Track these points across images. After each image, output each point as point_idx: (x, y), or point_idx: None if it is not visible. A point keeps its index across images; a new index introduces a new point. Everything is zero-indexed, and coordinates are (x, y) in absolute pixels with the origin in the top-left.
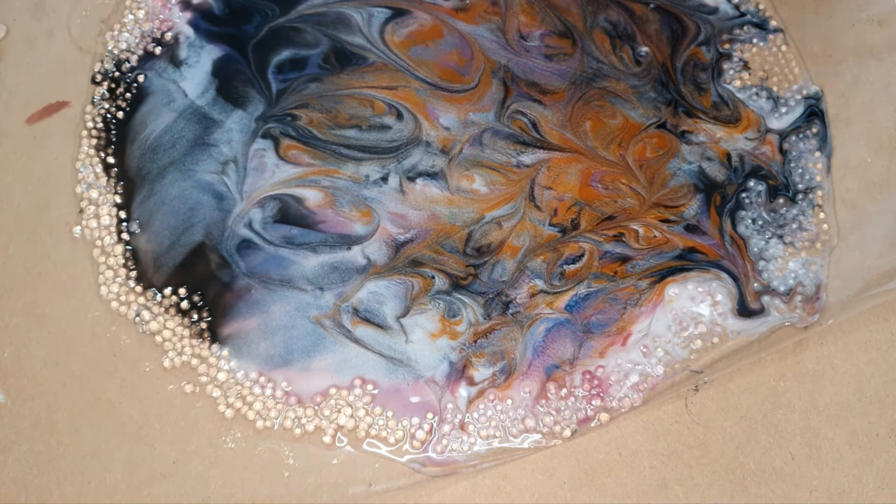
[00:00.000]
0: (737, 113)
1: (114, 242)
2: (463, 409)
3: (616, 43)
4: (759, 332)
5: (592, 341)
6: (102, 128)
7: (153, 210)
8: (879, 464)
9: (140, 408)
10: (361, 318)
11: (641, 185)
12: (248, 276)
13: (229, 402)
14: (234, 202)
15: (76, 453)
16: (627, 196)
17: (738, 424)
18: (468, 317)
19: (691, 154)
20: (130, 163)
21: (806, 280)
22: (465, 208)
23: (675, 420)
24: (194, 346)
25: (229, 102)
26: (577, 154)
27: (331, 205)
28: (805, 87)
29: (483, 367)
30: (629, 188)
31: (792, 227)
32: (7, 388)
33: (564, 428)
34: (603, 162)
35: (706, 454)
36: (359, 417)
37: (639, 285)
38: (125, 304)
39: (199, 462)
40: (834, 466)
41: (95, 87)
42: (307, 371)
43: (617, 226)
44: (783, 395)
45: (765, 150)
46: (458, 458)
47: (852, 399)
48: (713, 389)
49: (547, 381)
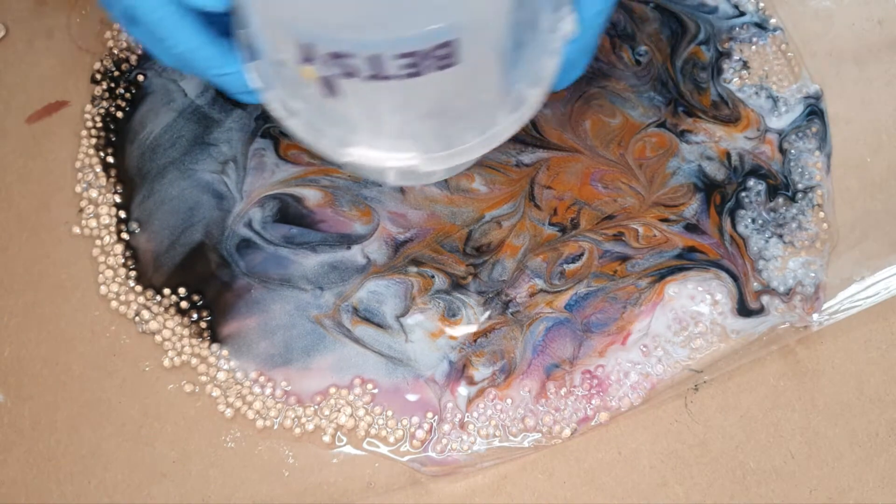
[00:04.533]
0: (736, 112)
1: (113, 242)
2: (463, 408)
3: (616, 42)
4: (759, 331)
5: (592, 340)
6: (102, 127)
7: (153, 209)
8: (879, 463)
9: (140, 407)
10: (361, 318)
11: (641, 184)
12: (248, 276)
13: (229, 402)
14: (234, 201)
15: (76, 453)
16: (627, 195)
17: (738, 423)
18: (468, 316)
19: (691, 153)
20: (130, 162)
21: (805, 279)
22: (465, 208)
23: (675, 419)
24: (194, 346)
25: (229, 102)
26: (577, 153)
27: (330, 204)
28: (805, 87)
29: (483, 366)
30: (629, 187)
31: (791, 227)
32: (6, 388)
33: (564, 427)
34: (603, 161)
35: (706, 453)
36: (358, 417)
37: (638, 284)
38: (125, 303)
39: (198, 461)
40: (834, 465)
41: (95, 86)
42: (307, 370)
43: (617, 225)
44: (783, 395)
45: (764, 150)
46: (457, 458)
47: (852, 398)
48: (713, 389)
49: (547, 381)
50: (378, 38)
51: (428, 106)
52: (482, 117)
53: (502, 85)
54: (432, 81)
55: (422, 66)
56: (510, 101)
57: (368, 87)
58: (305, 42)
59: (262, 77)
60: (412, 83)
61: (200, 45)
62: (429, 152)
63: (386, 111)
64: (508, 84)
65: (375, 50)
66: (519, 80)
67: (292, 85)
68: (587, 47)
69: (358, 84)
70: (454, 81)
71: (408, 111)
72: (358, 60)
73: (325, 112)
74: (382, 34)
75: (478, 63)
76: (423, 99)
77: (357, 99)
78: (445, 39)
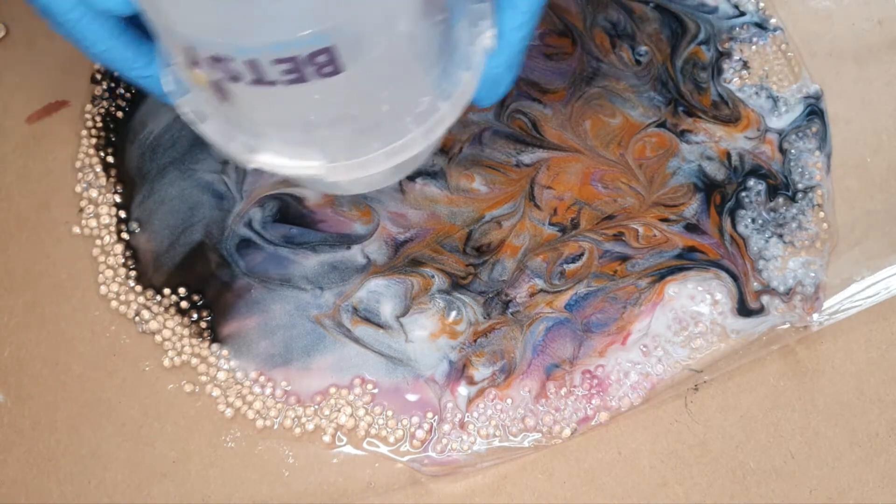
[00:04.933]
0: (736, 112)
1: (113, 241)
2: (463, 408)
3: (616, 42)
4: (759, 331)
5: (592, 340)
6: (102, 127)
7: (153, 209)
8: (879, 463)
9: (140, 407)
10: (361, 318)
11: (641, 184)
12: (248, 276)
13: (229, 402)
14: (234, 201)
15: (76, 453)
16: (627, 195)
17: (738, 423)
18: (468, 316)
19: (691, 153)
20: (130, 162)
21: (805, 279)
22: (465, 207)
23: (675, 419)
24: (194, 346)
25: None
26: (577, 153)
27: (330, 204)
28: (805, 86)
29: (483, 366)
30: (629, 187)
31: (791, 227)
32: (6, 388)
33: (564, 427)
34: (603, 161)
35: (706, 453)
36: (358, 417)
37: (638, 284)
38: (125, 303)
39: (198, 461)
40: (834, 465)
41: (95, 86)
42: (307, 370)
43: (617, 225)
44: (783, 395)
45: (764, 150)
46: (457, 458)
47: (852, 398)
48: (713, 388)
49: (547, 381)
50: (251, 43)
51: (319, 114)
52: (388, 128)
53: (408, 96)
54: (318, 89)
55: (304, 72)
56: (420, 114)
57: (255, 92)
58: (188, 45)
59: (175, 82)
60: (297, 90)
61: (116, 47)
62: (334, 161)
63: (278, 117)
64: (416, 95)
65: (252, 55)
66: (430, 93)
67: (195, 90)
68: (510, 63)
69: (245, 89)
70: (343, 90)
71: (300, 118)
72: (237, 65)
73: (230, 118)
74: (255, 39)
75: (368, 72)
76: (313, 106)
77: (248, 104)
78: (320, 46)
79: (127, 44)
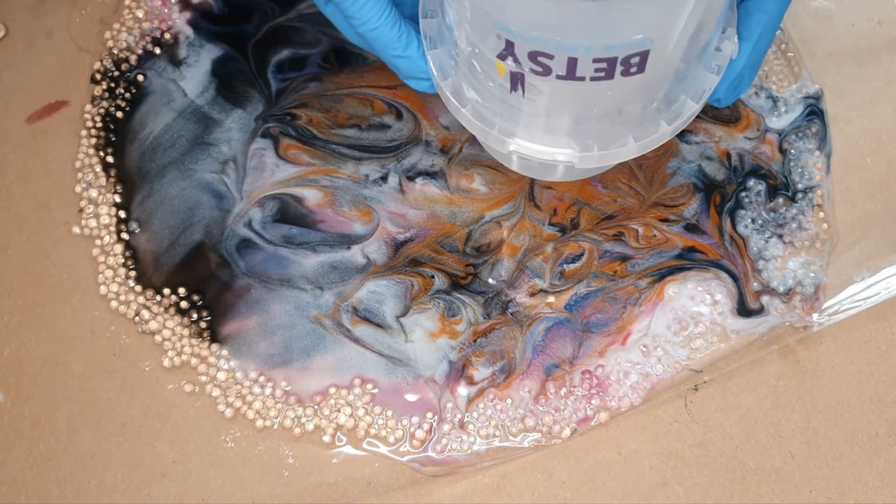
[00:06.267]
0: (736, 112)
1: (113, 242)
2: (462, 408)
3: None
4: (759, 331)
5: (592, 340)
6: (102, 127)
7: (153, 209)
8: (879, 463)
9: (140, 407)
10: (361, 318)
11: (641, 184)
12: (248, 276)
13: (229, 402)
14: (234, 201)
15: (76, 453)
16: (627, 195)
17: (738, 424)
18: (468, 316)
19: (691, 153)
20: (130, 162)
21: (805, 280)
22: (465, 208)
23: (675, 419)
24: (194, 346)
25: (229, 102)
26: None
27: (330, 204)
28: (805, 87)
29: (483, 366)
30: (629, 187)
31: (791, 227)
32: (6, 388)
33: (564, 427)
34: None
35: (706, 453)
36: (358, 417)
37: (638, 284)
38: (125, 303)
39: (198, 461)
40: (833, 466)
41: (95, 86)
42: (307, 370)
43: (616, 225)
44: (783, 395)
45: (764, 150)
46: (457, 458)
47: (852, 398)
48: (713, 389)
49: (546, 381)
50: (583, 43)
51: (604, 107)
52: (644, 123)
53: (670, 95)
54: (615, 86)
55: (612, 71)
56: (671, 111)
57: (555, 85)
58: (508, 39)
59: (440, 66)
60: (597, 85)
61: (383, 26)
62: (586, 150)
63: (563, 108)
64: (674, 95)
65: (576, 53)
66: (682, 93)
67: (472, 76)
68: (754, 63)
69: (546, 81)
70: (634, 88)
71: (583, 110)
72: (555, 61)
73: (497, 104)
74: (588, 40)
75: (658, 73)
76: (601, 100)
77: (540, 95)
78: (643, 49)
79: (391, 24)
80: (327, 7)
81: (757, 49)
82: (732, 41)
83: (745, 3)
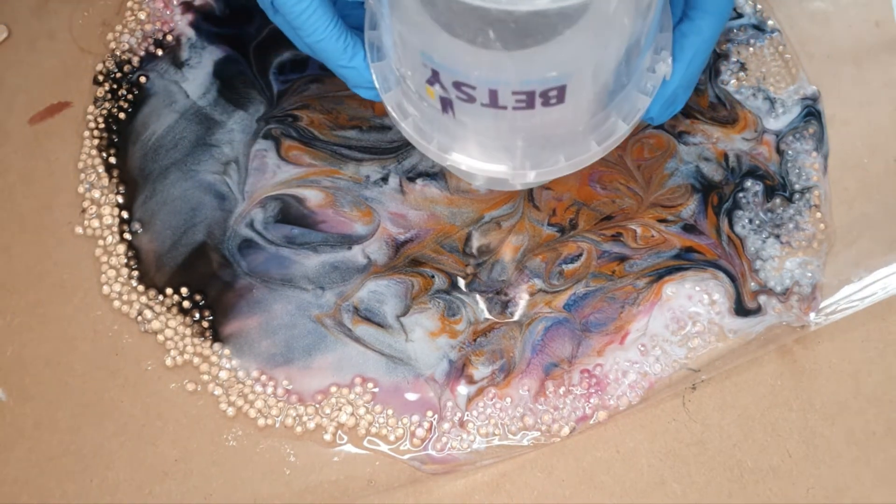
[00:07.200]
0: (734, 113)
1: (116, 242)
2: (462, 407)
3: None
4: (756, 331)
5: (591, 340)
6: (104, 128)
7: (155, 210)
8: (876, 462)
9: (142, 406)
10: (362, 317)
11: (639, 185)
12: (250, 276)
13: (231, 401)
14: (236, 202)
15: (78, 452)
16: (625, 196)
17: (736, 422)
18: (467, 315)
19: (689, 154)
20: (132, 163)
21: (802, 279)
22: (465, 208)
23: (673, 418)
24: (196, 345)
25: (231, 103)
26: None
27: (331, 205)
28: (802, 88)
29: (482, 365)
30: (627, 188)
31: (789, 227)
32: (9, 387)
33: (563, 426)
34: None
35: (704, 452)
36: (359, 415)
37: (636, 284)
38: (127, 303)
39: (200, 460)
40: (831, 464)
41: (97, 87)
42: (308, 369)
43: (615, 225)
44: (780, 394)
45: (762, 151)
46: (457, 456)
47: (849, 397)
48: (710, 388)
49: (546, 380)
50: (501, 79)
51: (530, 133)
52: (574, 144)
53: (597, 118)
54: (537, 114)
55: (532, 102)
56: (602, 131)
57: (480, 111)
58: (433, 68)
59: (383, 78)
60: (520, 113)
61: (328, 38)
62: (519, 168)
63: (491, 131)
64: (603, 117)
65: (496, 87)
66: (612, 114)
67: (409, 93)
68: (688, 83)
69: (472, 108)
70: (557, 115)
71: (510, 133)
72: (478, 91)
73: (434, 121)
74: (506, 76)
75: (580, 101)
76: (526, 126)
77: (468, 119)
78: (559, 84)
79: (337, 36)
80: (276, 17)
81: (690, 69)
82: (666, 62)
83: (679, 25)
